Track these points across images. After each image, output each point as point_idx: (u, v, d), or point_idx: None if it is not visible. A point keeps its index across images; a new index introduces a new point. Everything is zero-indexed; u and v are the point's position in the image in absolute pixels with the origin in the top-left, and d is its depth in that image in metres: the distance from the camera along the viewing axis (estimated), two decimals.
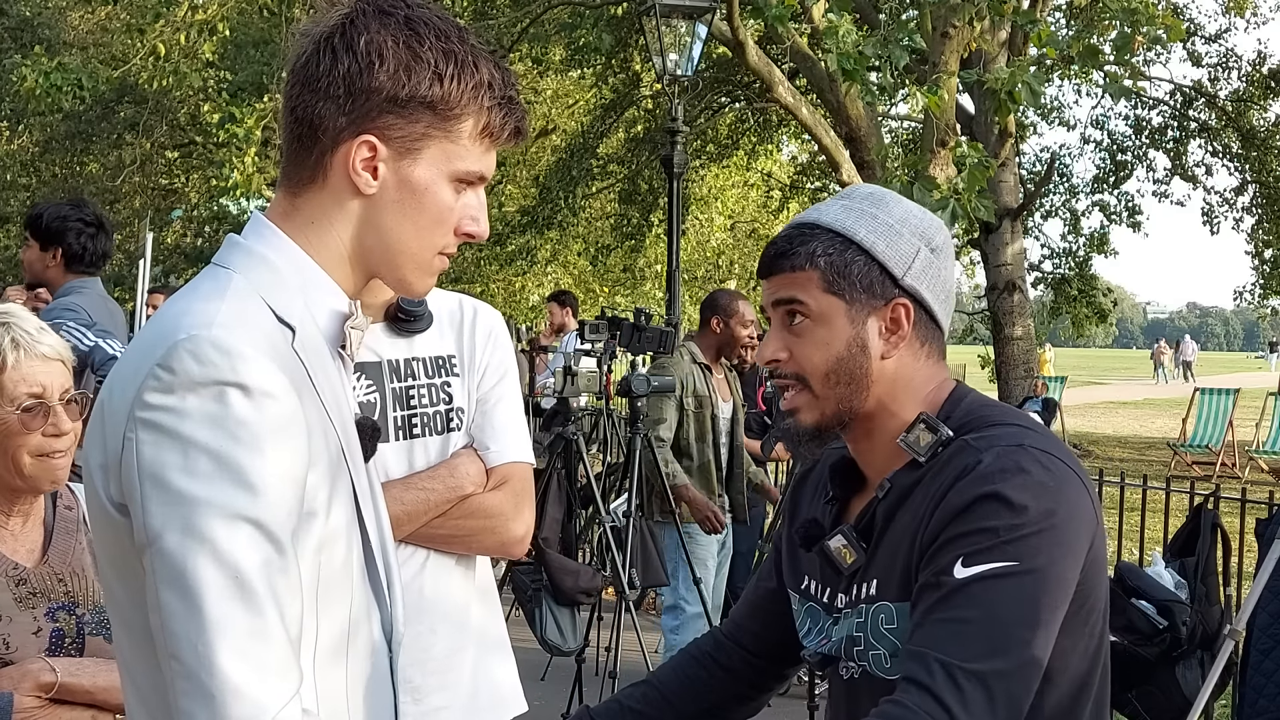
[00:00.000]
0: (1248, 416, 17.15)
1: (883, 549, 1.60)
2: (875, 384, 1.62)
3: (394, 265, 1.43)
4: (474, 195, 1.45)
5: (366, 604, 1.42)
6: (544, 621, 4.56)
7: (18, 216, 20.40)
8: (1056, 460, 1.55)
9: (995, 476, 1.50)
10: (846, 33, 7.86)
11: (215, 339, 1.26)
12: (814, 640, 1.72)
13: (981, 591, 1.47)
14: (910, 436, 1.60)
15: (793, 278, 1.63)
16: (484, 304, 2.29)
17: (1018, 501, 1.49)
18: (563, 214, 17.70)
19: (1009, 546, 1.47)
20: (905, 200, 1.69)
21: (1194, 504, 4.65)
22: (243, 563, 1.22)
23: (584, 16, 13.95)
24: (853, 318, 1.61)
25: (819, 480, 1.81)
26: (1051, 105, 21.02)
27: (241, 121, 12.42)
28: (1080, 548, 1.53)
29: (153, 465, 1.24)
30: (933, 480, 1.56)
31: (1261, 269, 20.89)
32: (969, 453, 1.55)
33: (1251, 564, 4.28)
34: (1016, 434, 1.57)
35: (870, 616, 1.60)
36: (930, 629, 1.48)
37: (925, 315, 1.65)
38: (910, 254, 1.62)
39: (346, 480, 1.38)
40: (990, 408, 1.65)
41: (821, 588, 1.71)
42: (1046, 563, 1.48)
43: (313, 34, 1.41)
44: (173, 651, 1.23)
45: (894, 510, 1.60)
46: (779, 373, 1.66)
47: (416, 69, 1.38)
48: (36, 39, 16.68)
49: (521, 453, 2.21)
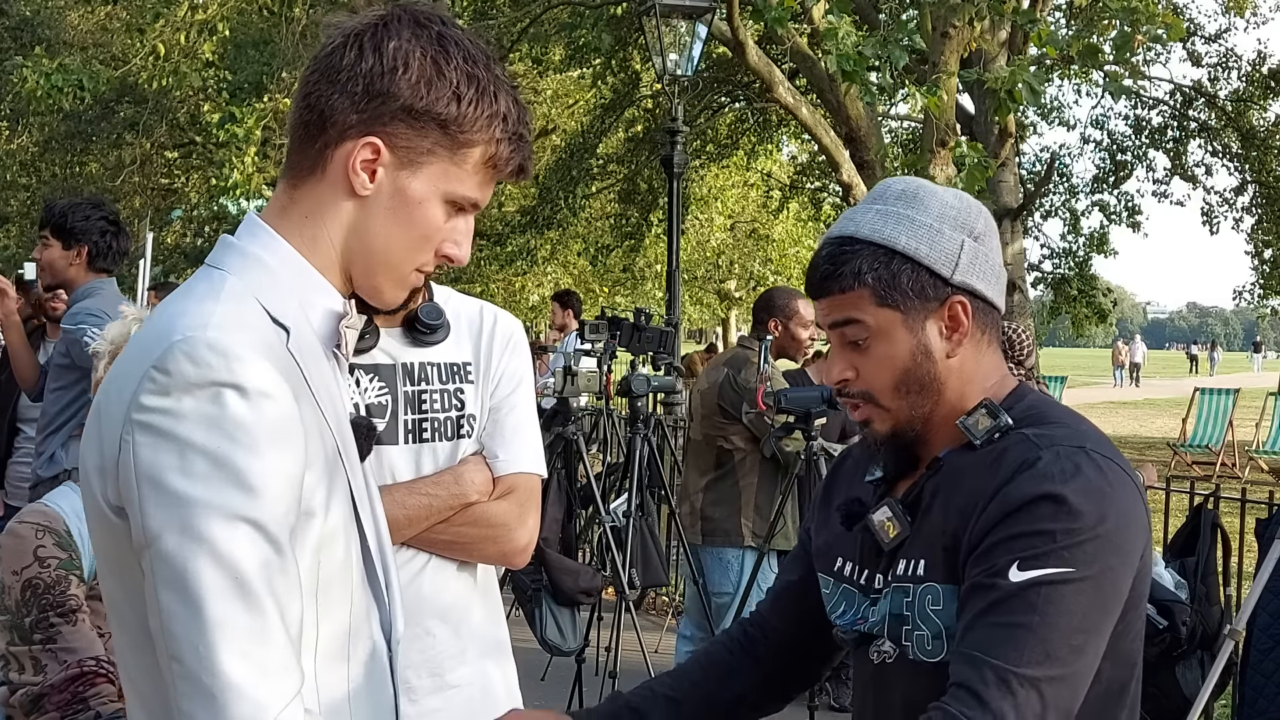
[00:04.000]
0: (1248, 416, 17.15)
1: (928, 525, 1.59)
2: (946, 384, 1.62)
3: (370, 271, 1.43)
4: (463, 221, 1.45)
5: (366, 604, 1.42)
6: (544, 621, 4.56)
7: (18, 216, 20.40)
8: (1115, 465, 1.54)
9: (1055, 477, 1.49)
10: (847, 34, 7.85)
11: (210, 340, 1.26)
12: (848, 618, 1.70)
13: (1037, 597, 1.46)
14: (970, 419, 1.60)
15: (844, 299, 1.61)
16: (505, 312, 2.27)
17: (1076, 505, 1.48)
18: (562, 214, 17.68)
19: (1066, 552, 1.47)
20: (939, 190, 1.66)
21: (1194, 504, 4.65)
22: (242, 563, 1.22)
23: (584, 16, 13.94)
24: (911, 326, 1.60)
25: (858, 464, 1.80)
26: (1051, 105, 21.02)
27: (241, 121, 12.40)
28: (1134, 555, 1.52)
29: (150, 467, 1.23)
30: (989, 467, 1.55)
31: (1261, 269, 20.87)
32: (1027, 446, 1.54)
33: (1251, 564, 4.28)
34: (1076, 434, 1.56)
35: (917, 596, 1.58)
36: (984, 632, 1.47)
37: (981, 303, 1.63)
38: (955, 250, 1.60)
39: (343, 480, 1.38)
40: (1051, 406, 1.65)
41: (859, 569, 1.69)
42: (1102, 569, 1.48)
43: (344, 28, 1.41)
44: (173, 653, 1.22)
45: (942, 488, 1.59)
46: (846, 392, 1.65)
47: (438, 85, 1.39)
48: (36, 39, 16.67)
49: (530, 463, 2.19)
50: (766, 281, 25.98)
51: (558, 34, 15.27)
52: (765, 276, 26.58)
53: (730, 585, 5.09)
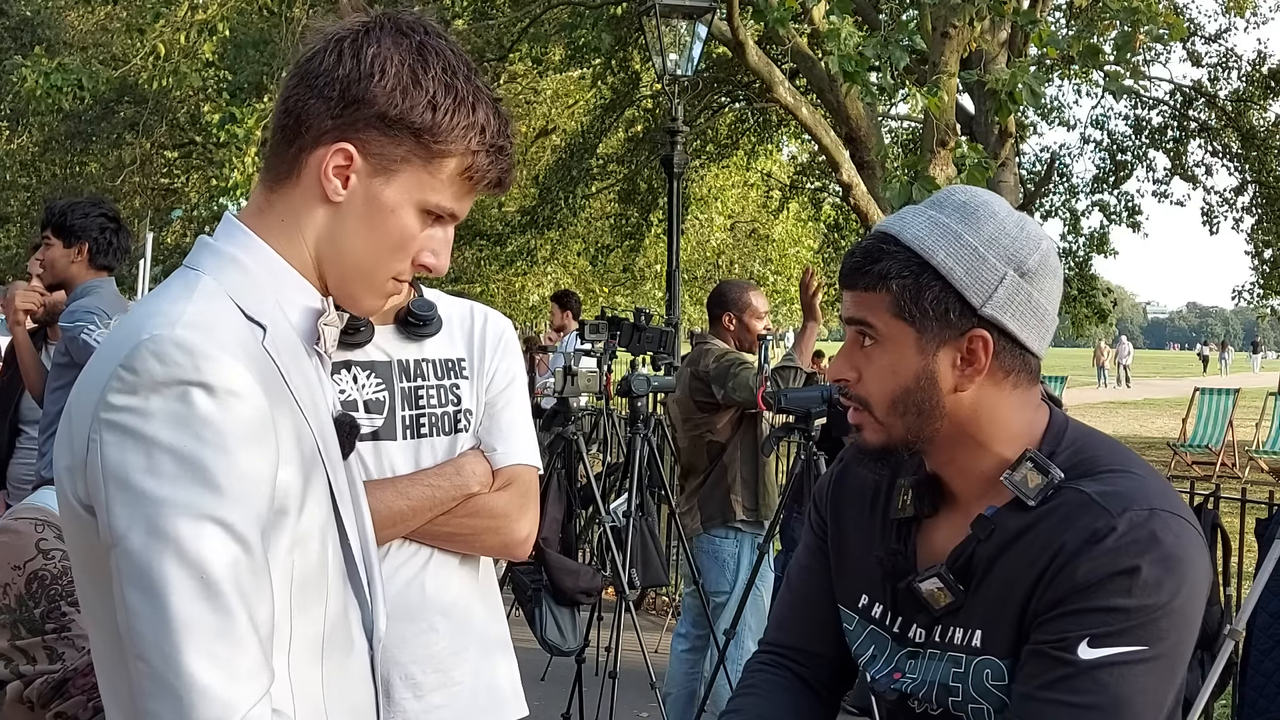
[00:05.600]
0: (1248, 416, 17.15)
1: (982, 594, 1.52)
2: (949, 416, 1.53)
3: (345, 279, 1.43)
4: (441, 230, 1.45)
5: (345, 603, 1.41)
6: (544, 621, 4.56)
7: (18, 216, 20.42)
8: (1185, 526, 1.47)
9: (1130, 550, 1.42)
10: (848, 35, 7.85)
11: (178, 339, 1.26)
12: (883, 671, 1.63)
13: (1109, 677, 1.41)
14: (1016, 476, 1.51)
15: (864, 297, 1.53)
16: (494, 310, 2.31)
17: (1152, 581, 1.42)
18: (562, 214, 17.68)
19: (1140, 630, 1.41)
20: (1002, 211, 1.54)
21: (1194, 504, 4.65)
22: (208, 563, 1.22)
23: (584, 16, 13.93)
24: (923, 348, 1.51)
25: (869, 486, 1.70)
26: (1051, 105, 21.01)
27: (241, 121, 12.40)
28: (1199, 617, 1.47)
29: (117, 466, 1.23)
30: (1050, 531, 1.47)
31: (1261, 269, 20.86)
32: (1096, 513, 1.45)
33: (1251, 564, 4.28)
34: (1142, 489, 1.47)
35: (972, 669, 1.52)
36: (1052, 710, 1.43)
37: (1009, 342, 1.52)
38: (994, 281, 1.49)
39: (322, 478, 1.37)
40: (1096, 444, 1.56)
41: (893, 616, 1.62)
42: (1174, 644, 1.44)
43: (327, 33, 1.41)
44: (138, 652, 1.22)
45: (998, 554, 1.51)
46: (845, 392, 1.58)
47: (414, 94, 1.38)
48: (36, 39, 16.68)
49: (528, 456, 2.22)
50: (766, 281, 25.99)
51: (558, 34, 15.25)
52: (765, 276, 26.58)
53: (727, 584, 5.09)
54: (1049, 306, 1.55)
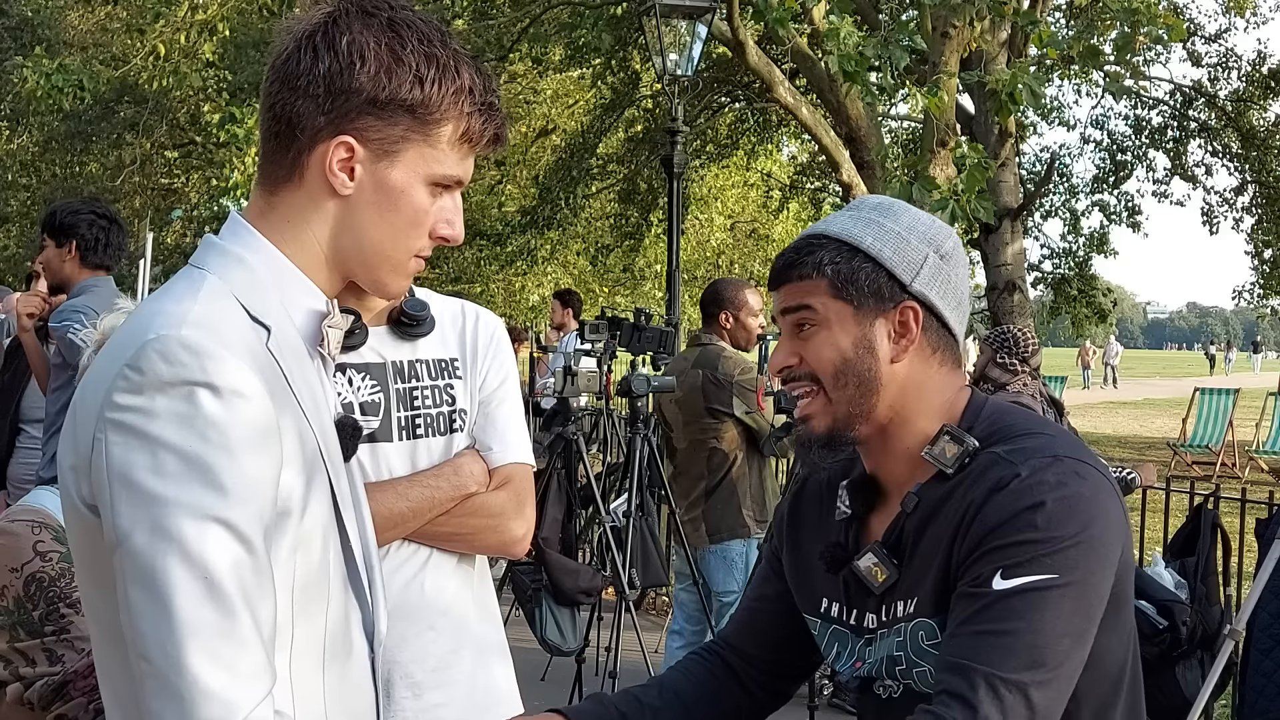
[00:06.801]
0: (1248, 416, 17.15)
1: (915, 564, 1.60)
2: (885, 388, 1.63)
3: (369, 266, 1.43)
4: (450, 199, 1.45)
5: (346, 604, 1.41)
6: (544, 621, 4.57)
7: (18, 217, 20.42)
8: (1090, 469, 1.56)
9: (1034, 489, 1.52)
10: (848, 34, 7.85)
11: (184, 339, 1.25)
12: (846, 663, 1.71)
13: (1022, 604, 1.48)
14: (935, 449, 1.61)
15: (801, 286, 1.64)
16: (485, 310, 2.32)
17: (1056, 514, 1.50)
18: (562, 214, 17.67)
19: (1048, 559, 1.49)
20: (914, 209, 1.70)
21: (1194, 504, 4.65)
22: (212, 563, 1.22)
23: (584, 16, 13.93)
24: (860, 321, 1.62)
25: (820, 497, 1.80)
26: (1051, 105, 20.99)
27: (241, 121, 12.38)
28: (1114, 557, 1.54)
29: (122, 466, 1.23)
30: (965, 493, 1.56)
31: (1261, 269, 20.86)
32: (1003, 465, 1.56)
33: (1251, 564, 4.29)
34: (1048, 444, 1.58)
35: (910, 634, 1.60)
36: (969, 640, 1.50)
37: (936, 321, 1.65)
38: (918, 260, 1.63)
39: (324, 480, 1.37)
40: (1012, 415, 1.66)
41: (847, 609, 1.70)
42: (1084, 575, 1.50)
43: (295, 31, 1.40)
44: (141, 652, 1.22)
45: (924, 524, 1.60)
46: (792, 376, 1.66)
47: (398, 71, 1.38)
48: (36, 39, 16.67)
49: (523, 454, 2.24)
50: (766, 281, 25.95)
51: (558, 34, 15.25)
52: (765, 276, 26.56)
53: (736, 585, 5.10)
54: (964, 291, 1.69)
